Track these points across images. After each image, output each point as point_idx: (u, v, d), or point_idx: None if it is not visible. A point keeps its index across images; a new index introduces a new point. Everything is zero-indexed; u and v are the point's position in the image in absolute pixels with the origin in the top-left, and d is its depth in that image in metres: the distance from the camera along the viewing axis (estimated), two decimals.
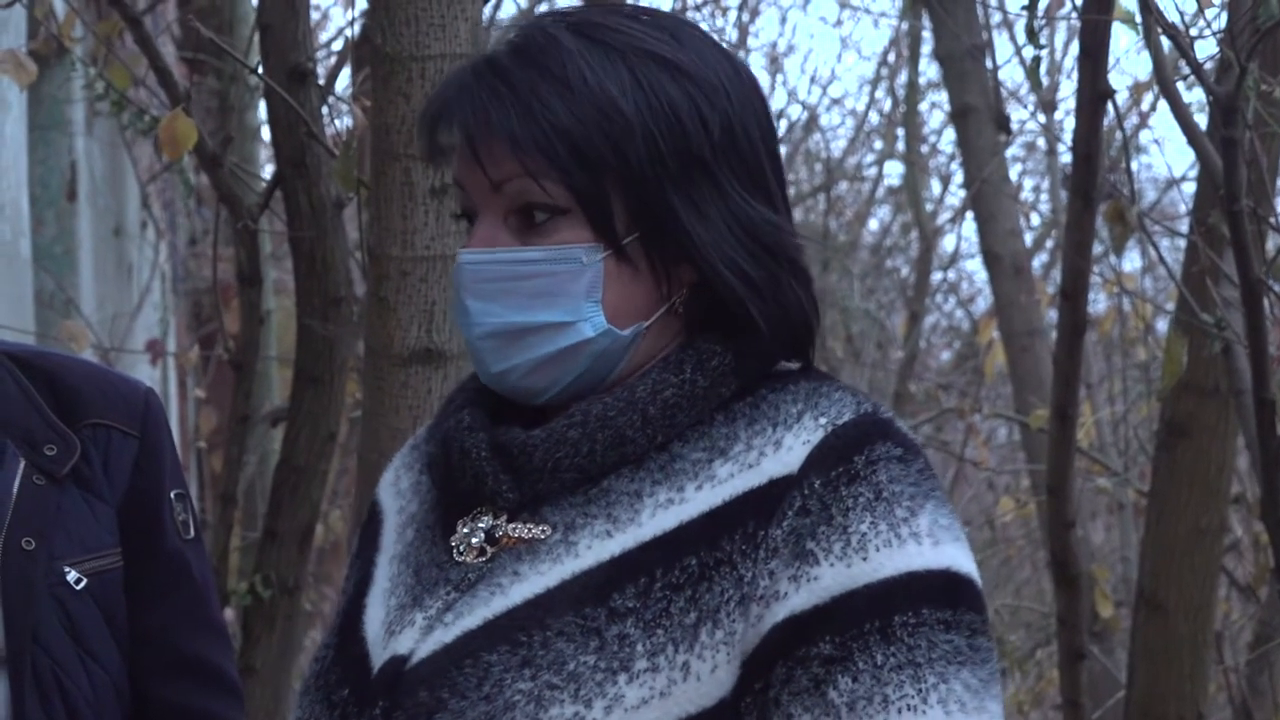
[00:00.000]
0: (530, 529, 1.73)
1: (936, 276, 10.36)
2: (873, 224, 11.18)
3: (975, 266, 10.99)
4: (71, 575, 2.23)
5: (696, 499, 1.70)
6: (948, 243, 10.42)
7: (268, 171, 5.96)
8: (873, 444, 1.68)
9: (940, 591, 1.66)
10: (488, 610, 1.70)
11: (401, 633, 1.74)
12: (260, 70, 3.95)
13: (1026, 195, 10.18)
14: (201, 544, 2.36)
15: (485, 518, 1.76)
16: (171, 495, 2.31)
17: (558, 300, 1.73)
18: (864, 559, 1.65)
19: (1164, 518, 4.49)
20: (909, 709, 1.63)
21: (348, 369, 4.30)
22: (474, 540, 1.75)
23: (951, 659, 1.65)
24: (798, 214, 10.88)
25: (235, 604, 4.36)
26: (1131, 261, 8.78)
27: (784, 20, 14.81)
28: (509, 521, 1.75)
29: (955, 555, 1.68)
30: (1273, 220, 3.77)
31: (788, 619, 1.65)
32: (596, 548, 1.70)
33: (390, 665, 1.72)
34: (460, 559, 1.75)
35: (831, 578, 1.65)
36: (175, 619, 2.30)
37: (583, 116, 1.70)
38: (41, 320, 5.77)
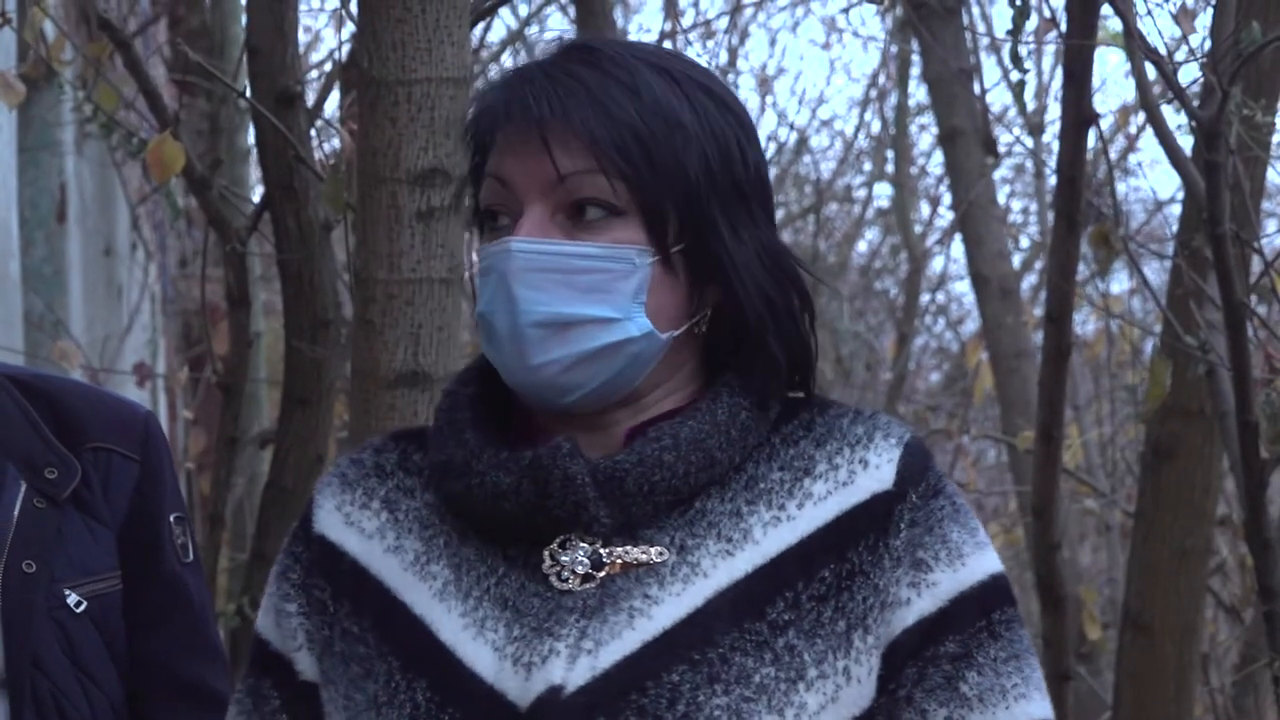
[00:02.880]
0: (645, 552, 1.77)
1: (925, 298, 10.37)
2: (862, 245, 11.20)
3: (964, 288, 11.01)
4: (72, 598, 2.23)
5: (802, 516, 1.79)
6: (936, 264, 10.43)
7: (256, 194, 5.98)
8: (933, 461, 1.84)
9: (1007, 590, 1.83)
10: (638, 633, 1.74)
11: (545, 664, 1.74)
12: (248, 93, 3.96)
13: (1015, 217, 10.19)
14: (200, 567, 2.37)
15: (582, 545, 1.78)
16: (171, 519, 2.31)
17: (608, 297, 1.77)
18: (963, 564, 1.81)
19: (1150, 539, 4.50)
20: (1022, 697, 1.79)
21: (336, 391, 4.31)
22: (578, 568, 1.77)
23: (1031, 650, 1.82)
24: (787, 235, 10.90)
25: (223, 625, 4.36)
26: (1120, 283, 8.81)
27: (773, 43, 14.86)
28: (604, 546, 1.77)
29: (997, 558, 1.86)
30: (1255, 244, 3.79)
31: (918, 622, 1.78)
32: (723, 567, 1.76)
33: (548, 696, 1.73)
34: (564, 586, 1.77)
35: (946, 583, 1.79)
36: (174, 643, 2.30)
37: (652, 124, 1.78)
38: (31, 341, 5.78)
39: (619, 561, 1.77)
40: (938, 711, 1.77)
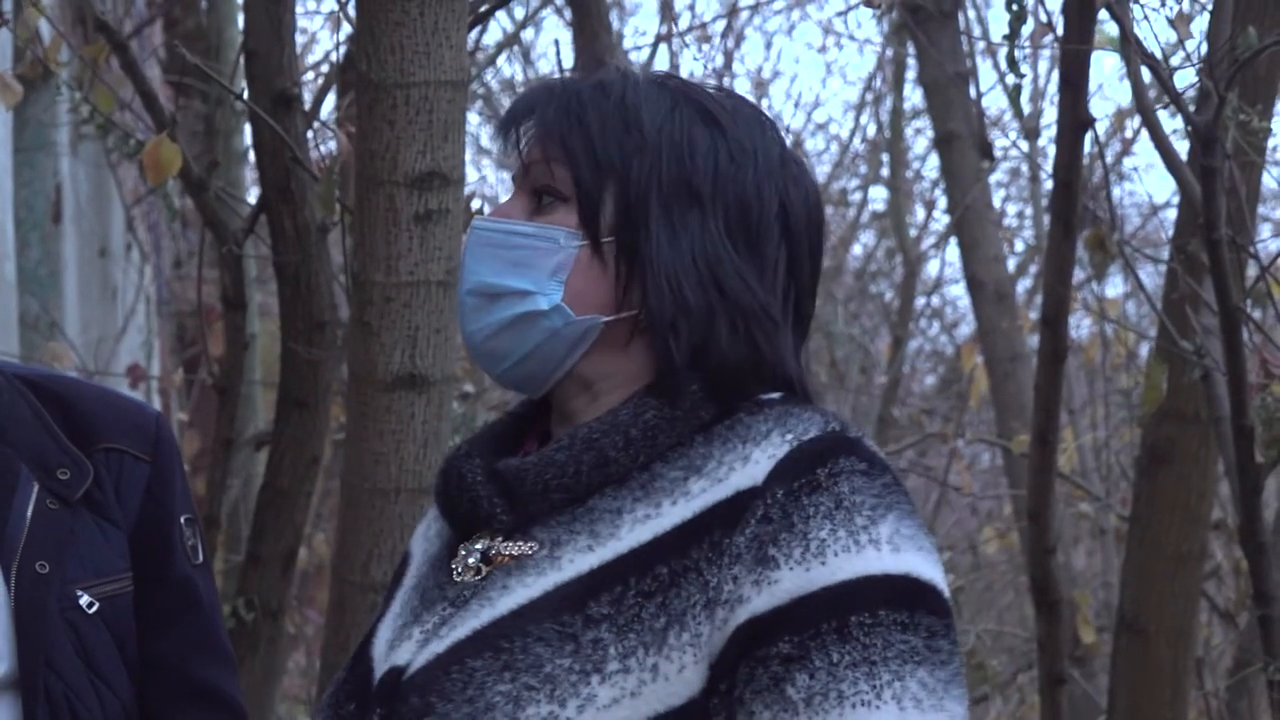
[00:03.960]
0: (520, 546, 1.83)
1: (920, 302, 10.37)
2: (857, 249, 11.19)
3: (959, 292, 11.01)
4: (84, 599, 2.23)
5: (671, 513, 1.80)
6: (931, 268, 10.44)
7: (253, 196, 5.97)
8: (836, 458, 1.76)
9: (899, 595, 1.73)
10: (476, 621, 1.80)
11: (400, 646, 1.84)
12: (245, 95, 3.96)
13: (1010, 221, 10.19)
14: (210, 569, 2.37)
15: (483, 540, 1.86)
16: (182, 520, 2.32)
17: (529, 271, 1.87)
18: (822, 563, 1.73)
19: (1145, 543, 4.51)
20: (863, 704, 1.70)
21: (332, 393, 4.31)
22: (470, 561, 1.86)
23: (908, 658, 1.71)
24: None
25: None
26: (1116, 287, 8.81)
27: (769, 46, 14.85)
28: (503, 542, 1.85)
29: (916, 562, 1.75)
30: (1251, 249, 3.79)
31: (749, 620, 1.73)
32: (578, 561, 1.80)
33: (389, 676, 1.83)
34: (458, 579, 1.86)
35: (790, 581, 1.72)
36: (184, 645, 2.30)
37: (607, 122, 1.86)
38: (26, 343, 5.77)
39: (502, 556, 1.84)
40: (762, 713, 1.71)
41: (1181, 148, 4.03)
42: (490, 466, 1.87)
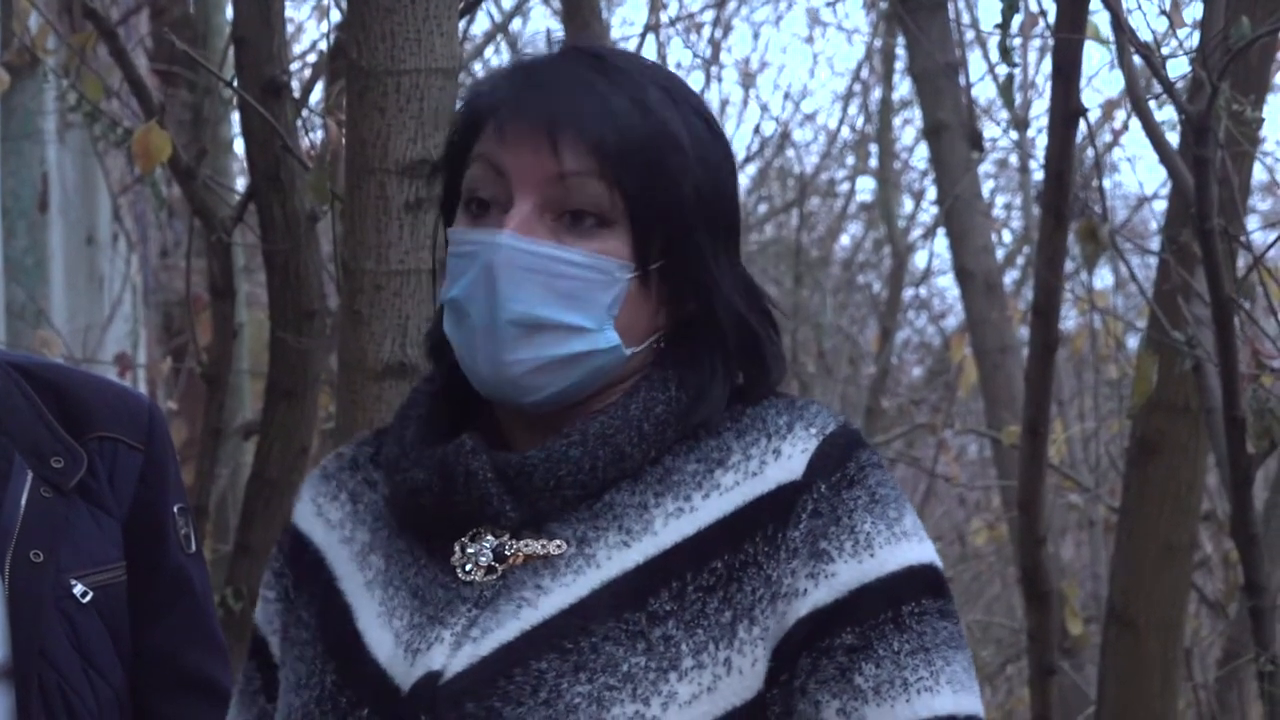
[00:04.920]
0: (543, 545, 1.80)
1: (909, 293, 10.37)
2: (845, 240, 11.18)
3: (947, 283, 11.01)
4: (78, 588, 2.23)
5: (706, 506, 1.80)
6: (920, 259, 10.42)
7: (241, 184, 5.96)
8: (858, 451, 1.81)
9: (932, 583, 1.80)
10: (520, 622, 1.77)
11: (429, 650, 1.78)
12: (235, 83, 3.95)
13: (999, 212, 10.19)
14: (202, 559, 2.37)
15: (488, 537, 1.81)
16: (175, 509, 2.32)
17: (585, 306, 1.79)
18: (871, 555, 1.78)
19: (1134, 534, 4.51)
20: (925, 690, 1.77)
21: (321, 382, 4.29)
22: (481, 560, 1.81)
23: (949, 643, 1.79)
24: (770, 229, 10.89)
25: None
26: (1103, 279, 8.81)
27: (757, 36, 14.83)
28: (512, 539, 1.81)
29: (934, 551, 1.84)
30: (1243, 239, 3.79)
31: (811, 613, 1.76)
32: (617, 558, 1.78)
33: (426, 681, 1.77)
34: (467, 578, 1.81)
35: (847, 573, 1.77)
36: (177, 634, 2.30)
37: (655, 140, 1.80)
38: (12, 331, 5.76)
39: (520, 554, 1.80)
40: (830, 703, 1.76)
41: (1172, 138, 4.02)
42: (494, 461, 1.81)
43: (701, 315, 1.83)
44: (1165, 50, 3.53)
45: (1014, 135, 8.13)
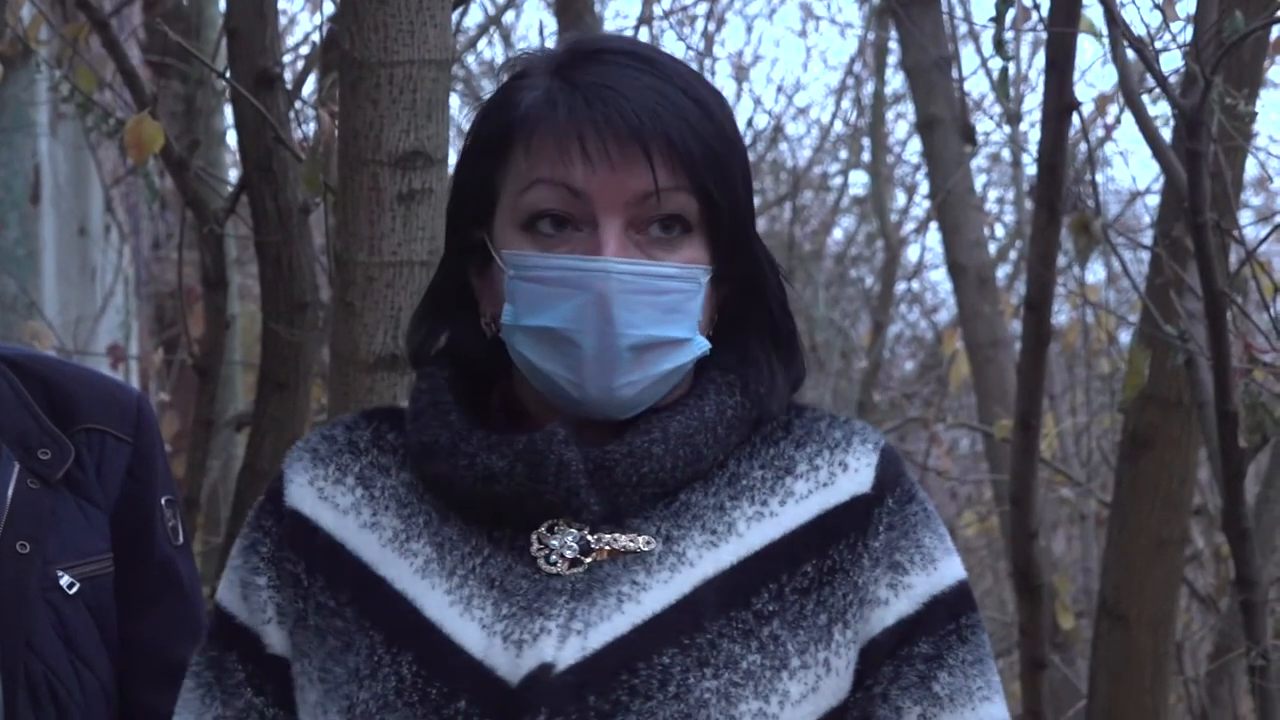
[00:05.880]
0: (632, 539, 1.80)
1: (901, 286, 10.37)
2: (837, 233, 11.18)
3: (940, 277, 11.00)
4: (64, 580, 2.22)
5: (785, 513, 1.83)
6: (912, 253, 10.45)
7: (233, 176, 5.95)
8: (903, 467, 1.88)
9: (971, 596, 1.89)
10: (626, 617, 1.77)
11: (535, 642, 1.76)
12: (228, 74, 3.94)
13: (991, 206, 10.18)
14: (190, 551, 2.37)
15: (571, 530, 1.80)
16: (162, 501, 2.31)
17: (684, 318, 1.81)
18: (935, 568, 1.86)
19: (1126, 529, 4.51)
20: (985, 699, 1.85)
21: (313, 374, 4.29)
22: (567, 552, 1.80)
23: (990, 654, 1.88)
24: (763, 223, 10.88)
25: None
26: (1095, 273, 8.81)
27: (750, 30, 14.83)
28: (591, 533, 1.80)
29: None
30: (1236, 233, 3.79)
31: (897, 622, 1.83)
32: (708, 557, 1.80)
33: (539, 673, 1.75)
34: (550, 568, 1.79)
35: (921, 585, 1.84)
36: (164, 626, 2.30)
37: (722, 144, 1.81)
38: (4, 323, 5.75)
39: (607, 548, 1.80)
40: (912, 709, 1.82)
41: (1164, 133, 4.02)
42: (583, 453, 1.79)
43: (745, 309, 1.86)
44: (1158, 44, 3.53)
45: (1007, 129, 8.13)
